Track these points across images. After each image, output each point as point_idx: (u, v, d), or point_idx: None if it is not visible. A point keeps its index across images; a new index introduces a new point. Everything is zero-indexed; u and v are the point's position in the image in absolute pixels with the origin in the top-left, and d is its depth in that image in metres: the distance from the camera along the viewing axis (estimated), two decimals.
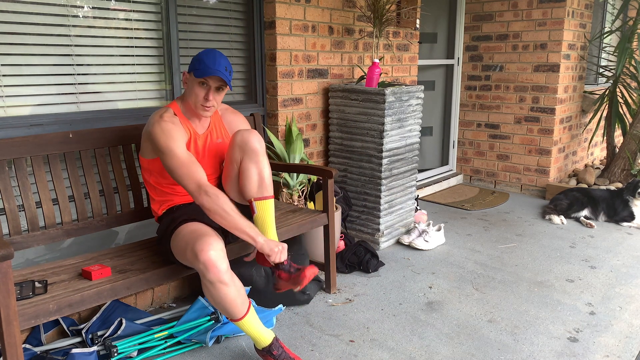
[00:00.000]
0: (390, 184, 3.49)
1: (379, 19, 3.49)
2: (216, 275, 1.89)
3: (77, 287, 1.91)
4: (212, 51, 2.14)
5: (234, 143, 2.19)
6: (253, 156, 2.18)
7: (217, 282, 1.90)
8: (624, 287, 3.03)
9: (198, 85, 2.11)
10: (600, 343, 2.43)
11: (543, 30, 4.77)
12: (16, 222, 2.09)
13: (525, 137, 5.03)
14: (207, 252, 1.87)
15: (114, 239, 2.81)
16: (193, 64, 2.13)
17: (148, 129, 2.10)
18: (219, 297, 1.94)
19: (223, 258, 1.91)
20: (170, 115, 2.13)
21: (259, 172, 2.19)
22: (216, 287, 1.92)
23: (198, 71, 2.09)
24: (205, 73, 2.07)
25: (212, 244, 1.90)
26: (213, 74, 2.06)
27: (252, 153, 2.17)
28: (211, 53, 2.12)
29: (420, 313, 2.69)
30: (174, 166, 2.01)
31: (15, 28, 2.29)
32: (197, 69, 2.10)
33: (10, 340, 1.66)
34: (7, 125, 2.26)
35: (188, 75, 2.16)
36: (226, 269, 1.91)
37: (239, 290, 1.98)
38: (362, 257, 3.17)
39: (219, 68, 2.08)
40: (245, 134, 2.18)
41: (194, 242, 1.92)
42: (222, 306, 1.98)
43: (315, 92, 3.53)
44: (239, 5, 3.16)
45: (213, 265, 1.88)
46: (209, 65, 2.07)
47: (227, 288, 1.93)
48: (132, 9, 2.67)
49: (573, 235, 3.91)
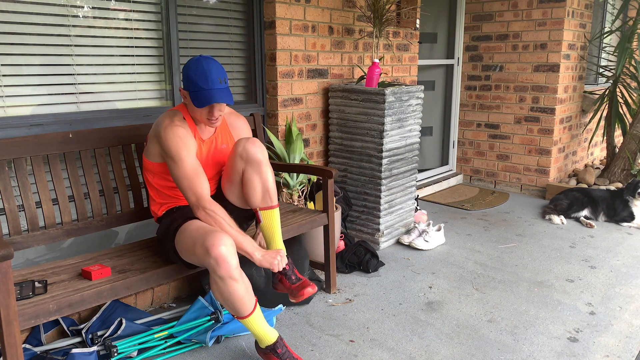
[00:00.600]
0: (390, 184, 3.49)
1: (379, 19, 3.49)
2: (227, 271, 1.88)
3: (77, 287, 1.91)
4: (201, 66, 2.02)
5: (236, 153, 2.16)
6: (256, 167, 2.15)
7: (227, 277, 1.90)
8: (624, 287, 3.03)
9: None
10: (600, 343, 2.43)
11: (543, 30, 4.77)
12: (16, 222, 2.09)
13: (525, 137, 5.03)
14: (218, 247, 1.87)
15: (113, 239, 2.81)
16: (186, 84, 2.05)
17: (158, 132, 2.06)
18: (228, 293, 1.94)
19: (234, 254, 1.91)
20: (181, 120, 2.10)
21: (263, 182, 2.17)
22: (226, 283, 1.91)
23: (194, 97, 2.02)
24: (203, 102, 2.01)
25: (223, 239, 1.89)
26: (211, 102, 2.00)
27: (255, 164, 2.15)
28: (201, 70, 2.01)
29: (420, 313, 2.69)
30: (180, 176, 2.01)
31: (15, 28, 2.29)
32: (192, 92, 2.03)
33: (10, 340, 1.66)
34: (7, 125, 2.26)
35: (185, 93, 2.08)
36: (236, 265, 1.91)
37: (247, 287, 1.98)
38: (362, 257, 3.17)
39: (215, 87, 2.01)
40: (248, 145, 2.15)
41: (204, 237, 1.91)
42: (230, 303, 1.97)
43: (315, 92, 3.53)
44: (239, 5, 3.16)
45: (224, 260, 1.87)
46: (203, 88, 2.00)
47: (237, 284, 1.93)
48: (132, 9, 2.67)
49: (573, 235, 3.91)
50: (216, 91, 2.02)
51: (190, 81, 2.03)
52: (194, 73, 2.02)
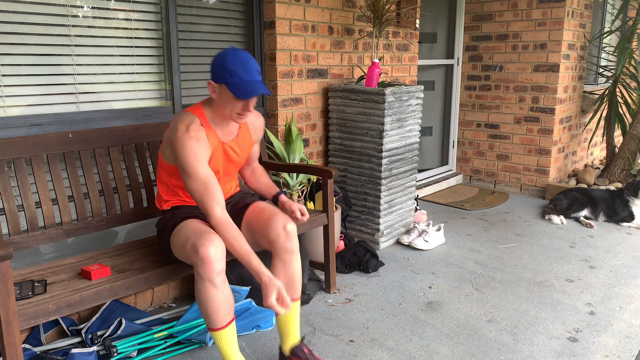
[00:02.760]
0: (390, 184, 3.49)
1: (379, 19, 3.49)
2: (208, 273, 1.83)
3: (76, 287, 1.91)
4: (239, 57, 1.93)
5: (264, 232, 2.07)
6: (284, 255, 2.07)
7: (207, 280, 1.84)
8: (623, 287, 3.03)
9: (234, 98, 1.95)
10: (600, 343, 2.43)
11: (543, 30, 4.77)
12: (16, 222, 2.09)
13: (525, 137, 5.03)
14: (207, 247, 1.82)
15: (113, 239, 2.81)
16: (223, 75, 1.92)
17: (172, 139, 1.96)
18: (204, 297, 1.86)
19: (221, 259, 1.85)
20: (197, 128, 1.96)
21: (291, 273, 2.09)
22: (205, 286, 1.85)
23: (236, 89, 1.91)
24: (246, 94, 1.91)
25: (215, 241, 1.85)
26: (256, 93, 1.90)
27: (284, 252, 2.07)
28: (240, 60, 1.91)
29: (420, 313, 2.69)
30: (192, 188, 1.93)
31: (15, 28, 2.29)
32: (231, 83, 1.91)
33: (9, 340, 1.66)
34: (6, 125, 2.26)
35: (217, 86, 1.96)
36: (220, 271, 1.85)
37: (227, 299, 1.89)
38: (362, 257, 3.17)
39: (257, 79, 1.93)
40: (282, 233, 2.05)
41: (196, 236, 1.89)
42: (204, 308, 1.88)
43: (315, 92, 3.53)
44: (238, 5, 3.16)
45: (209, 262, 1.82)
46: (246, 80, 1.91)
47: (215, 291, 1.85)
48: (131, 9, 2.67)
49: (573, 235, 3.91)
50: (258, 82, 1.94)
51: (228, 71, 1.91)
52: (232, 63, 1.91)
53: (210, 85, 1.98)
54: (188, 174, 1.92)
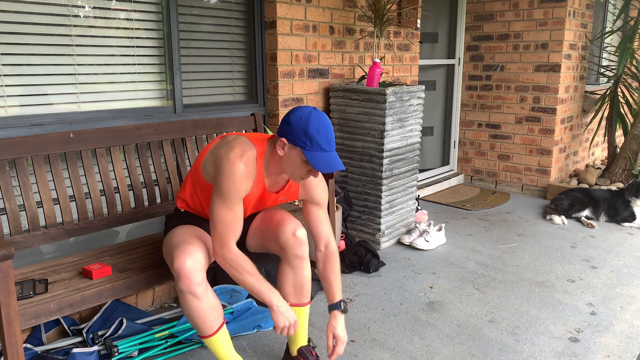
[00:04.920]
0: (391, 183, 3.49)
1: (380, 19, 3.49)
2: (187, 286, 1.77)
3: (77, 287, 1.91)
4: (323, 124, 1.79)
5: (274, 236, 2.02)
6: (294, 261, 2.03)
7: (187, 292, 1.78)
8: (625, 287, 3.03)
9: (305, 162, 1.81)
10: (601, 343, 2.43)
11: (544, 30, 4.77)
12: (17, 222, 2.09)
13: (526, 137, 5.03)
14: (183, 260, 1.76)
15: (114, 238, 2.81)
16: (302, 139, 1.77)
17: (220, 158, 1.81)
18: (187, 308, 1.82)
19: (200, 270, 1.79)
20: (252, 161, 1.82)
21: (300, 279, 2.06)
22: (186, 298, 1.79)
23: (315, 159, 1.77)
24: (324, 167, 1.77)
25: (192, 252, 1.79)
26: (333, 169, 1.78)
27: (294, 259, 2.02)
28: (323, 128, 1.78)
29: (421, 313, 2.69)
30: (219, 214, 1.80)
31: (16, 28, 2.29)
32: (309, 150, 1.77)
33: (11, 340, 1.66)
34: (7, 125, 2.26)
35: (290, 146, 1.80)
36: (199, 282, 1.78)
37: (213, 306, 1.84)
38: (363, 257, 3.17)
39: (334, 151, 1.81)
40: (292, 240, 1.99)
41: (176, 246, 1.83)
42: (190, 319, 1.85)
43: (316, 92, 3.53)
44: (239, 5, 3.16)
45: (185, 275, 1.76)
46: (325, 151, 1.78)
47: (198, 302, 1.80)
48: (132, 9, 2.67)
49: (574, 236, 3.91)
50: (336, 156, 1.81)
51: (309, 138, 1.77)
52: (315, 130, 1.77)
53: (281, 142, 1.81)
54: (223, 199, 1.80)
